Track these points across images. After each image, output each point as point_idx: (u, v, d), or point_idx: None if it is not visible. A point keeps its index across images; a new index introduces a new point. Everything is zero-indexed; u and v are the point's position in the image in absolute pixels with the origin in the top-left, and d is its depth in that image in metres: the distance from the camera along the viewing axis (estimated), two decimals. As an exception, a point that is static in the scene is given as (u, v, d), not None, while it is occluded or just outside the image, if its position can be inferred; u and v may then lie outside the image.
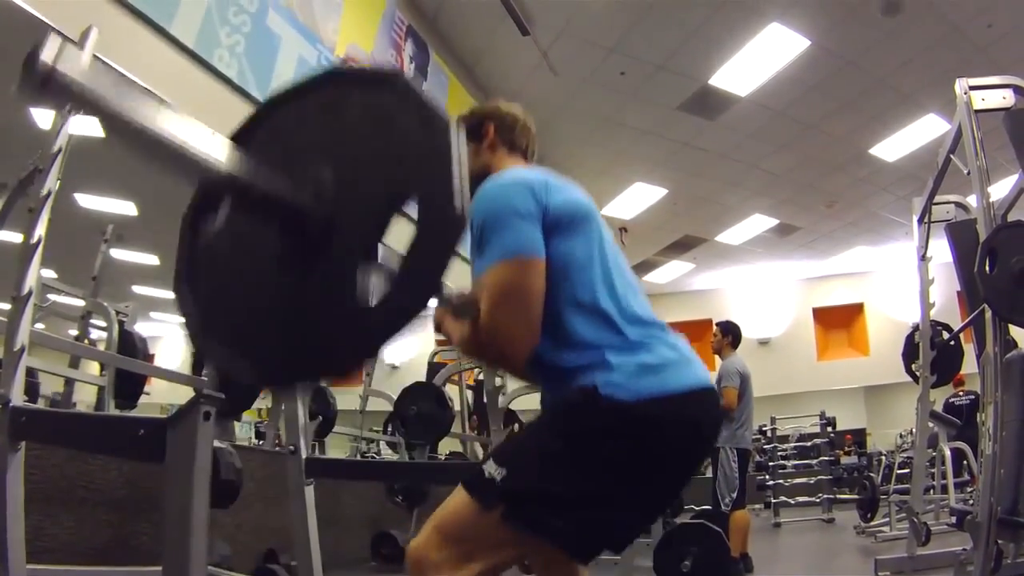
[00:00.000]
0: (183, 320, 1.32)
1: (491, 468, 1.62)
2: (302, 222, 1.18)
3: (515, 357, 1.74)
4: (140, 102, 1.03)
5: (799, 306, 17.36)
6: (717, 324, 6.64)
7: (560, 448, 1.63)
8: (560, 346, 1.71)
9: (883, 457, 12.75)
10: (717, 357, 6.50)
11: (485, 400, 5.93)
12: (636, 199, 12.55)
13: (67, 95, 0.96)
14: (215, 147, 1.14)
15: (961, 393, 9.72)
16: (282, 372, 1.21)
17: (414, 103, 1.22)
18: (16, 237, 2.83)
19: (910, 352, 6.05)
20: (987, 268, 3.53)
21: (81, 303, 5.38)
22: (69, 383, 5.25)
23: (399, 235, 1.16)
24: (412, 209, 1.16)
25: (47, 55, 0.97)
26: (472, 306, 1.71)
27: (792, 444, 13.40)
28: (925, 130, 10.18)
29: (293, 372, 1.21)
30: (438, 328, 1.92)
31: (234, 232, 1.36)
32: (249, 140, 1.35)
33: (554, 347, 1.72)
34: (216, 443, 2.74)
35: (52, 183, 2.79)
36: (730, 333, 6.43)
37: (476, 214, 1.74)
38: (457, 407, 7.56)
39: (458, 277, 1.30)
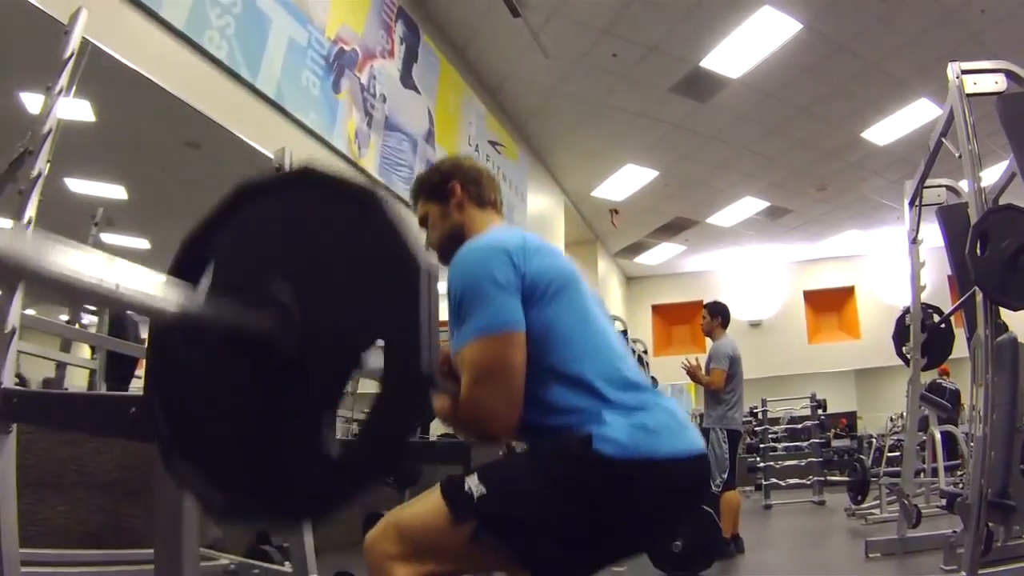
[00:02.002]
0: (157, 448, 1.23)
1: (472, 483, 1.61)
2: (265, 351, 1.11)
3: (497, 433, 1.75)
4: (66, 254, 0.91)
5: (790, 289, 17.42)
6: (705, 306, 6.63)
7: (543, 488, 1.61)
8: (545, 412, 1.69)
9: (873, 440, 12.82)
10: (708, 339, 6.50)
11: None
12: (627, 181, 12.56)
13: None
14: (160, 287, 1.05)
15: (946, 377, 9.80)
16: (245, 511, 1.14)
17: (388, 232, 1.10)
18: (5, 223, 2.82)
19: (901, 335, 6.06)
20: (978, 251, 3.54)
21: (72, 286, 5.36)
22: (61, 367, 5.25)
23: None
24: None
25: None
26: (452, 381, 1.71)
27: (783, 426, 13.44)
28: (917, 114, 10.19)
29: (256, 512, 1.13)
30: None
31: (196, 364, 1.24)
32: (207, 247, 1.25)
33: (539, 414, 1.69)
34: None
35: (42, 164, 2.78)
36: (719, 314, 6.42)
37: (453, 282, 1.73)
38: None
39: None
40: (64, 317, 5.35)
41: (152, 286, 1.02)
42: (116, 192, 5.96)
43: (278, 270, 1.15)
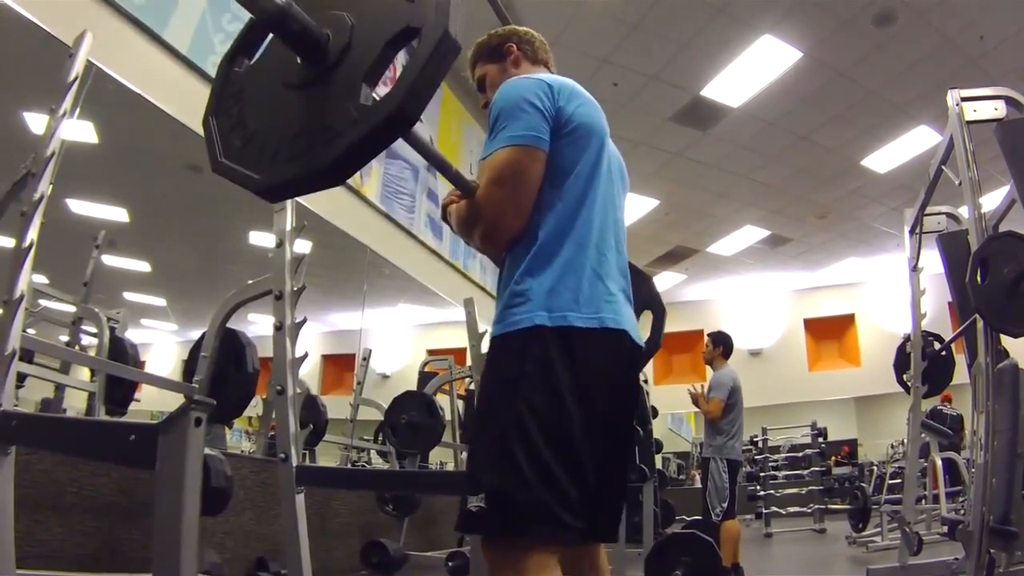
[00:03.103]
0: (208, 150, 1.38)
1: (474, 502, 1.62)
2: (322, 53, 1.27)
3: (499, 234, 1.84)
4: None
5: (790, 317, 17.39)
6: (708, 335, 6.62)
7: (512, 417, 1.64)
8: (524, 250, 1.80)
9: (874, 467, 12.78)
10: (709, 368, 6.49)
11: (476, 409, 5.91)
12: (628, 210, 12.28)
13: None
14: None
15: (948, 404, 9.77)
16: (289, 169, 1.25)
17: None
18: (7, 243, 2.82)
19: (902, 362, 6.06)
20: (978, 278, 3.54)
21: (72, 309, 5.35)
22: (59, 389, 5.23)
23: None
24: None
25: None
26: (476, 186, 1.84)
27: (783, 454, 13.40)
28: (917, 142, 10.23)
29: (299, 169, 1.24)
30: (444, 210, 2.05)
31: (262, 65, 1.44)
32: None
33: (521, 250, 1.80)
34: (207, 450, 2.74)
35: (45, 187, 2.79)
36: (721, 344, 6.41)
37: (494, 107, 1.86)
38: (448, 416, 7.54)
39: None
40: (64, 338, 5.33)
41: None
42: (118, 214, 5.97)
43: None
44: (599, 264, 1.83)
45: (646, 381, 9.76)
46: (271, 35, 1.41)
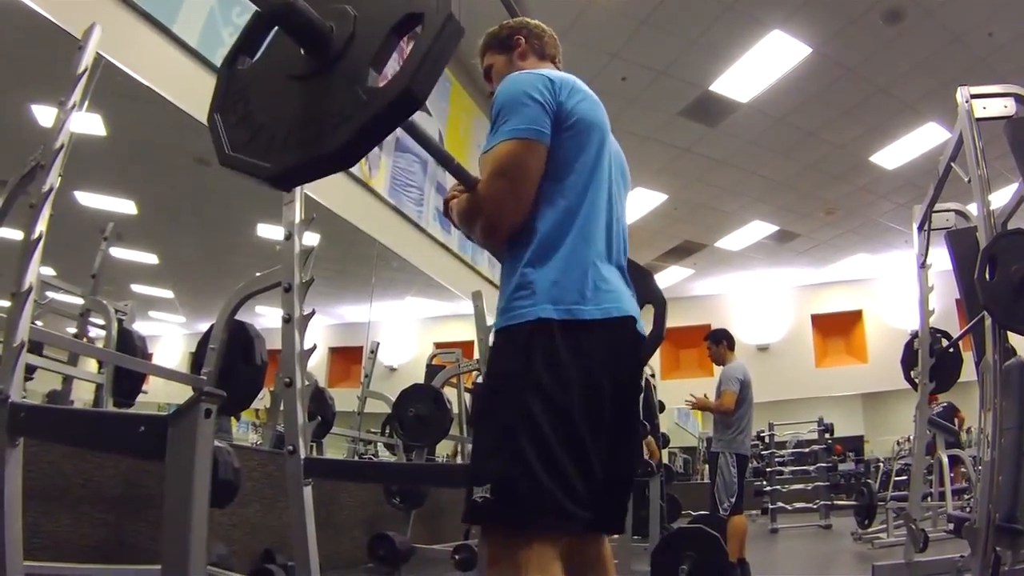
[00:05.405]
0: (215, 145, 1.39)
1: (478, 494, 1.61)
2: (326, 45, 1.29)
3: (499, 226, 1.84)
4: None
5: (798, 313, 17.37)
6: (705, 339, 6.57)
7: (515, 417, 1.64)
8: (524, 244, 1.80)
9: (881, 464, 12.76)
10: (720, 367, 6.42)
11: (483, 402, 5.90)
12: (636, 204, 12.55)
13: None
14: None
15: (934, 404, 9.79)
16: (299, 155, 1.27)
17: None
18: (15, 235, 2.83)
19: (909, 359, 6.04)
20: (987, 276, 3.53)
21: (80, 301, 5.37)
22: (67, 381, 5.25)
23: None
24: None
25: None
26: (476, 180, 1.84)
27: (790, 450, 13.39)
28: (925, 138, 10.20)
29: (309, 153, 1.26)
30: (446, 205, 2.06)
31: (265, 61, 1.48)
32: None
33: (520, 244, 1.81)
34: (214, 442, 2.75)
35: (54, 179, 2.79)
36: (722, 339, 6.37)
37: (496, 101, 1.87)
38: (456, 409, 7.55)
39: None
40: (72, 330, 5.35)
41: None
42: (126, 207, 5.99)
43: None
44: (601, 257, 1.84)
45: (653, 375, 9.78)
46: (275, 30, 1.46)
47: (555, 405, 1.64)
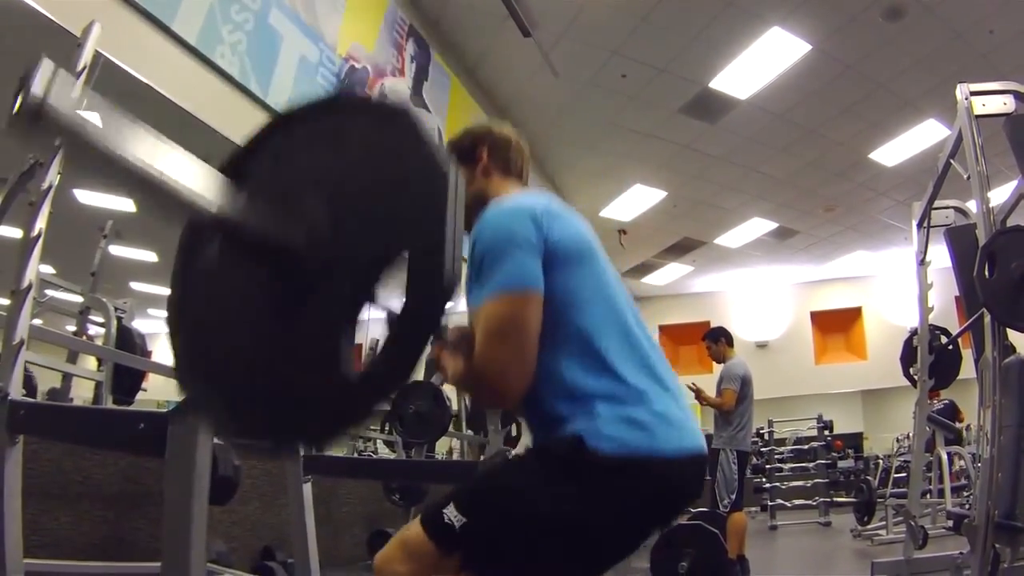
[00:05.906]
0: (172, 358, 1.30)
1: (451, 513, 1.57)
2: (293, 264, 1.15)
3: (508, 394, 1.69)
4: (133, 136, 0.95)
5: (797, 310, 17.37)
6: (703, 338, 6.58)
7: (530, 505, 1.59)
8: (551, 390, 1.66)
9: (880, 461, 12.77)
10: (720, 366, 6.42)
11: (483, 400, 5.92)
12: (635, 201, 12.56)
13: (57, 131, 0.89)
14: (208, 184, 1.09)
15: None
16: (260, 430, 1.16)
17: (420, 147, 1.16)
18: (15, 233, 2.83)
19: (908, 356, 6.05)
20: (986, 273, 3.53)
21: (79, 299, 5.37)
22: (67, 378, 5.25)
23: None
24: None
25: (38, 85, 0.88)
26: (468, 342, 1.68)
27: (789, 447, 13.39)
28: (925, 135, 10.17)
29: (272, 431, 1.15)
30: (436, 365, 1.83)
31: (225, 270, 1.31)
32: (250, 161, 1.31)
33: (545, 389, 1.66)
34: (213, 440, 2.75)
35: (52, 176, 2.79)
36: (721, 337, 6.39)
37: (477, 243, 1.71)
38: (455, 406, 7.55)
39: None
40: (71, 328, 5.36)
41: (196, 179, 1.06)
42: (125, 204, 5.99)
43: (311, 186, 1.18)
44: (650, 370, 1.71)
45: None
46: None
47: (572, 533, 1.59)
